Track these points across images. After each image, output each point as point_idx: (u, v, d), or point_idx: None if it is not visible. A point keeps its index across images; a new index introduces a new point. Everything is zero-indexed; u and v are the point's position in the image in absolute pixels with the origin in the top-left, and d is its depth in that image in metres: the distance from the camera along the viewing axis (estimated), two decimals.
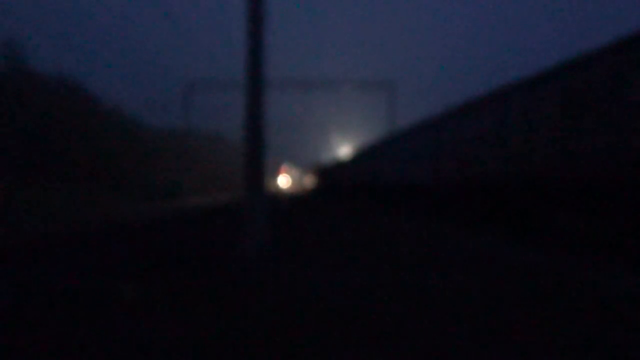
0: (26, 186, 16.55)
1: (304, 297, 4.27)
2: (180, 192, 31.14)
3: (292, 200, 29.84)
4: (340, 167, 34.65)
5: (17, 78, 20.11)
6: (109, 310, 3.88)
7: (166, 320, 3.60)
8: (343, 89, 39.36)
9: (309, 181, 68.09)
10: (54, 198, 17.30)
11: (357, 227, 11.02)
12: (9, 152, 17.03)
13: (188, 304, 4.04)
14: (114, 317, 3.66)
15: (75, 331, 3.35)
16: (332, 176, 39.60)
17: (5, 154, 16.82)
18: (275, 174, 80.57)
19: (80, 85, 25.68)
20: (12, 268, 5.87)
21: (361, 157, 25.95)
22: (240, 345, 3.06)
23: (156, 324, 3.51)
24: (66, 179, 19.29)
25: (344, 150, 60.25)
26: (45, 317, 3.69)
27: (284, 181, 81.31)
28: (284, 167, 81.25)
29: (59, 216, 15.20)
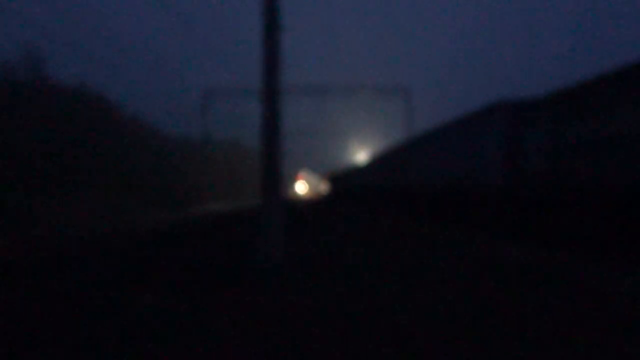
0: (43, 195, 16.75)
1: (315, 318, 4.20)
2: (195, 199, 31.34)
3: (309, 206, 29.76)
4: (353, 173, 34.50)
5: (38, 88, 20.45)
6: (125, 319, 3.86)
7: (179, 331, 3.57)
8: (360, 96, 39.27)
9: (325, 187, 67.98)
10: (71, 206, 17.48)
11: (368, 229, 10.92)
12: (29, 161, 17.28)
13: (198, 318, 4.01)
14: (130, 326, 3.64)
15: (92, 342, 3.33)
16: (345, 182, 39.44)
17: (25, 162, 17.06)
18: (293, 180, 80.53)
19: (99, 94, 26.05)
20: (22, 277, 5.90)
21: (376, 162, 25.77)
22: None
23: (170, 334, 3.48)
24: (84, 187, 19.50)
25: (362, 156, 59.97)
26: (61, 329, 3.68)
27: (301, 187, 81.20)
28: (301, 173, 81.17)
29: (75, 225, 15.34)
